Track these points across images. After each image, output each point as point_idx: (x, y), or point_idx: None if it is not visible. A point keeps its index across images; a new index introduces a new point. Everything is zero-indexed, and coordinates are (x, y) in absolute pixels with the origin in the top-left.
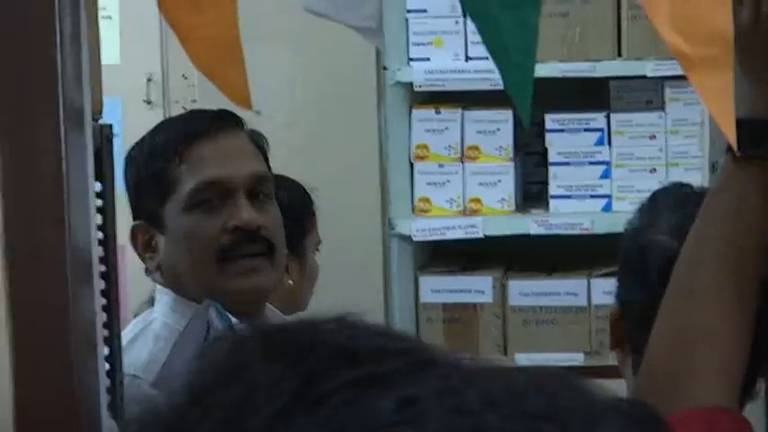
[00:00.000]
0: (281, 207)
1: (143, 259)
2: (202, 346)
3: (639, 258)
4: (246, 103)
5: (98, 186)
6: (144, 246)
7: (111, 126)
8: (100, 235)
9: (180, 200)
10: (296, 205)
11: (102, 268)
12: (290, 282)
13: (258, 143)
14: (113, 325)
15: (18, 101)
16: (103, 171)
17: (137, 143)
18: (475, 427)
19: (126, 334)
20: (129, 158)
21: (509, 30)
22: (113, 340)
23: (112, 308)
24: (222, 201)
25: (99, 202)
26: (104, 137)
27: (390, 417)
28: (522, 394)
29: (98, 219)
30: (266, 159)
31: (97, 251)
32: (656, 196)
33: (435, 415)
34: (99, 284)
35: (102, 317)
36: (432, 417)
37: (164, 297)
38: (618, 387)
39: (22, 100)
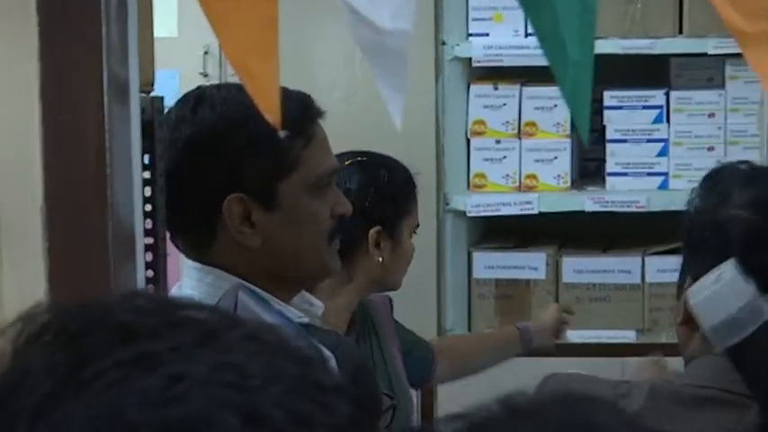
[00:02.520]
0: (381, 186)
1: (238, 233)
2: None
3: (716, 234)
4: (275, 116)
5: (147, 159)
6: (242, 219)
7: (162, 98)
8: (148, 207)
9: (304, 181)
10: (397, 186)
11: (150, 240)
12: (380, 259)
13: None
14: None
15: (63, 75)
16: (153, 143)
17: (233, 105)
18: (247, 403)
19: None
20: (230, 122)
21: (564, 15)
22: None
23: (160, 280)
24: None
25: (147, 175)
26: (155, 109)
27: (159, 395)
28: (307, 363)
29: (147, 191)
30: None
31: (141, 224)
32: (715, 175)
33: (205, 392)
34: (146, 257)
35: (149, 289)
36: (201, 393)
37: (207, 277)
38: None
39: (67, 74)
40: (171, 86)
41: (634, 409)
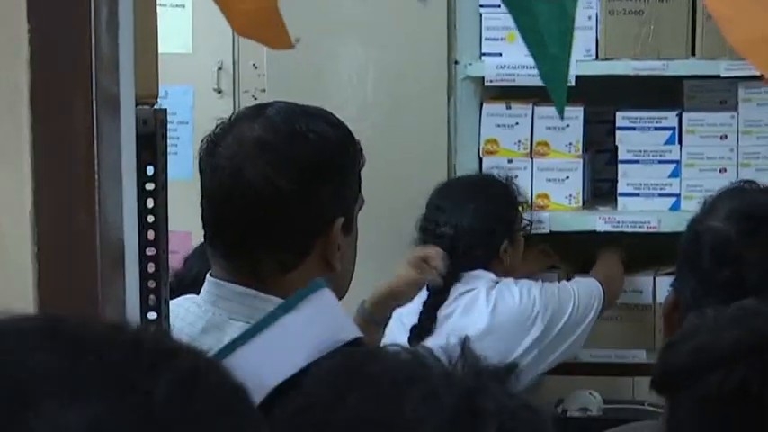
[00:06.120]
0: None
1: (333, 256)
2: None
3: (693, 245)
4: (288, 44)
5: (150, 170)
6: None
7: (165, 111)
8: (151, 218)
9: (360, 207)
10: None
11: (152, 251)
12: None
13: None
14: (161, 307)
15: (51, 87)
16: (156, 155)
17: (336, 125)
18: None
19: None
20: (348, 140)
21: (545, 20)
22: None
23: (161, 291)
24: None
25: (150, 186)
26: (158, 121)
27: None
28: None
29: (150, 202)
30: None
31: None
32: (720, 192)
33: None
34: (148, 267)
35: (152, 299)
36: None
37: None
38: None
39: (55, 86)
40: (185, 101)
41: None
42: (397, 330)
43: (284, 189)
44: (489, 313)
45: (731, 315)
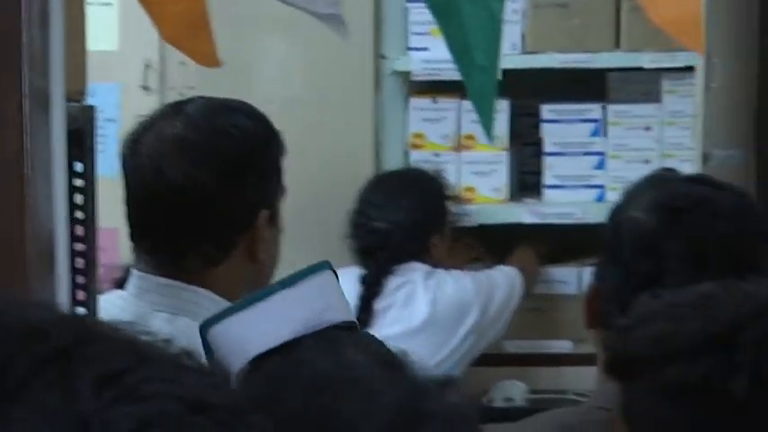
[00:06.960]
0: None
1: (256, 250)
2: None
3: (613, 234)
4: (215, 62)
5: (79, 166)
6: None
7: (92, 107)
8: (80, 215)
9: (283, 198)
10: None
11: (81, 247)
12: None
13: None
14: (91, 303)
15: None
16: (84, 151)
17: (263, 116)
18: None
19: None
20: (271, 134)
21: (472, 25)
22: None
23: (91, 287)
24: None
25: (80, 182)
26: (86, 118)
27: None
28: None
29: (78, 198)
30: None
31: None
32: (639, 181)
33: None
34: (76, 263)
35: (80, 294)
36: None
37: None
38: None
39: None
40: (111, 99)
41: None
42: None
43: (207, 185)
44: (429, 304)
45: (691, 301)
